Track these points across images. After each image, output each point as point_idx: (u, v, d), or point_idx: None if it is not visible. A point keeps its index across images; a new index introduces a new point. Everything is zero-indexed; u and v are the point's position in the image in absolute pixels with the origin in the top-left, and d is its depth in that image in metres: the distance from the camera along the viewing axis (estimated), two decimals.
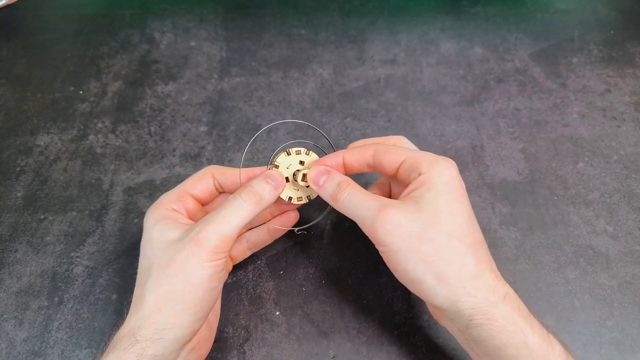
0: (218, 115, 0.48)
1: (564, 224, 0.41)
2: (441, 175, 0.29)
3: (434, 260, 0.27)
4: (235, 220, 0.29)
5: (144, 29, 0.56)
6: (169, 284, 0.28)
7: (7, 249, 0.39)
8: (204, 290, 0.28)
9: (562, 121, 0.47)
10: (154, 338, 0.26)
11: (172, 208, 0.32)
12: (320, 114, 0.48)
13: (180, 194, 0.33)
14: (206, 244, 0.28)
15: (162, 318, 0.27)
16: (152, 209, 0.32)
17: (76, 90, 0.50)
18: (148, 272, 0.29)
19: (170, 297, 0.27)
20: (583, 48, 0.53)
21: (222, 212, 0.29)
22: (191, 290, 0.27)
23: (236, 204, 0.30)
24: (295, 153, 0.35)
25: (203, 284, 0.28)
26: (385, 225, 0.28)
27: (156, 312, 0.27)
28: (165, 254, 0.29)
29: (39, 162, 0.45)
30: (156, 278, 0.28)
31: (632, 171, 0.44)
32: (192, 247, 0.28)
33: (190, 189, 0.33)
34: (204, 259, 0.28)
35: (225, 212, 0.29)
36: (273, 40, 0.55)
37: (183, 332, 0.27)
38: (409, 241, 0.27)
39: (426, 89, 0.50)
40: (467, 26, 0.56)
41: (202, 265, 0.28)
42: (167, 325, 0.27)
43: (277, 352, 0.35)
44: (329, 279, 0.38)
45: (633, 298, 0.37)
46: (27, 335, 0.35)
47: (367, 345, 0.35)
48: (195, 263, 0.28)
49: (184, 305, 0.27)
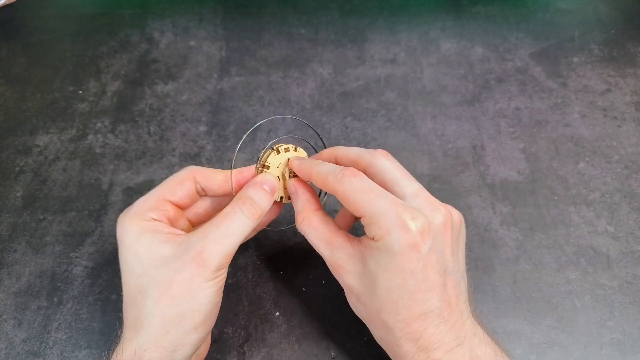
0: (218, 115, 0.48)
1: (565, 224, 0.41)
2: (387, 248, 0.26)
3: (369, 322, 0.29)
4: (238, 237, 0.28)
5: (143, 29, 0.56)
6: (175, 306, 0.27)
7: (6, 249, 0.39)
8: (212, 307, 0.28)
9: (563, 121, 0.47)
10: (166, 358, 0.26)
11: (151, 218, 0.29)
12: (320, 114, 0.48)
13: (159, 201, 0.30)
14: (210, 264, 0.27)
15: (170, 340, 0.27)
16: (128, 219, 0.29)
17: (75, 90, 0.50)
18: (144, 293, 0.27)
19: (178, 319, 0.27)
20: (584, 48, 0.53)
21: (223, 229, 0.28)
22: (199, 310, 0.27)
23: (238, 220, 0.28)
24: (284, 150, 0.33)
25: (210, 302, 0.28)
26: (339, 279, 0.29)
27: (164, 335, 0.27)
28: (162, 274, 0.27)
29: (38, 162, 0.45)
30: (157, 300, 0.27)
31: (633, 171, 0.44)
32: (196, 268, 0.27)
33: (169, 196, 0.31)
34: (208, 278, 0.27)
35: (227, 230, 0.28)
36: (273, 40, 0.55)
37: (193, 349, 0.28)
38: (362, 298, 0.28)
39: (426, 88, 0.50)
40: (468, 26, 0.56)
41: (207, 284, 0.27)
42: (177, 347, 0.27)
43: (276, 352, 0.35)
44: (329, 279, 0.38)
45: (634, 298, 0.37)
46: (27, 336, 0.35)
47: (367, 345, 0.35)
48: (200, 283, 0.27)
49: (193, 324, 0.27)
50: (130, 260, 0.28)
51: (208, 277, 0.27)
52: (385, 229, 0.26)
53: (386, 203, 0.27)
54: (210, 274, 0.27)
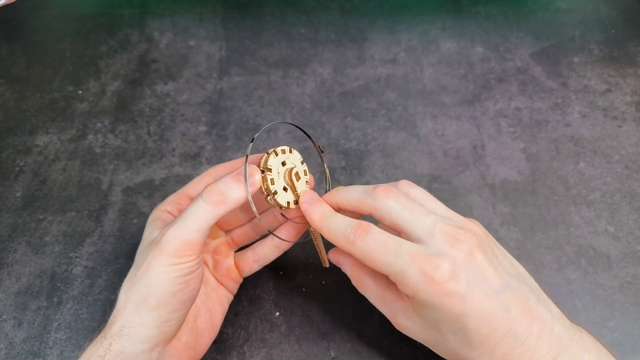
0: (217, 115, 0.48)
1: (565, 224, 0.41)
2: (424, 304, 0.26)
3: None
4: (194, 224, 0.28)
5: (143, 29, 0.56)
6: (136, 284, 0.28)
7: (6, 249, 0.39)
8: (167, 293, 0.28)
9: (563, 121, 0.47)
10: (120, 334, 0.27)
11: (166, 209, 0.32)
12: (320, 114, 0.48)
13: (179, 196, 0.33)
14: (165, 248, 0.27)
15: (127, 317, 0.27)
16: (153, 211, 0.33)
17: (75, 90, 0.50)
18: (129, 273, 0.30)
19: (135, 297, 0.28)
20: (584, 47, 0.53)
21: (183, 216, 0.28)
22: (153, 293, 0.27)
23: (195, 205, 0.28)
24: (281, 152, 0.31)
25: (165, 287, 0.28)
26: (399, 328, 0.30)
27: (123, 310, 0.28)
28: (141, 255, 0.30)
29: (37, 162, 0.45)
30: (128, 278, 0.29)
31: (633, 171, 0.44)
32: (155, 251, 0.28)
33: (190, 191, 0.33)
34: (164, 263, 0.27)
35: (185, 216, 0.28)
36: (273, 40, 0.55)
37: (148, 331, 0.27)
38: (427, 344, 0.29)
39: (427, 88, 0.50)
40: (468, 25, 0.56)
41: (163, 268, 0.27)
42: (132, 323, 0.27)
43: (276, 352, 0.35)
44: (329, 280, 0.38)
45: (634, 298, 0.36)
46: (26, 336, 0.35)
47: (368, 346, 0.35)
48: (156, 266, 0.28)
49: (147, 305, 0.27)
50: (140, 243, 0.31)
51: (164, 262, 0.27)
52: (413, 287, 0.26)
53: (404, 261, 0.26)
54: (166, 258, 0.27)
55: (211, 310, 0.33)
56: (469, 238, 0.26)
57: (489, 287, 0.26)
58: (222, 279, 0.34)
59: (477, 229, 0.28)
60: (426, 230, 0.27)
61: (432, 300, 0.25)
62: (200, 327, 0.32)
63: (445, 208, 0.30)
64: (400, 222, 0.27)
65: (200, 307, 0.32)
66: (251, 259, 0.34)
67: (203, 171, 0.43)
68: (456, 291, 0.25)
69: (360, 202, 0.29)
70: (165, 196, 0.42)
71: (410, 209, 0.28)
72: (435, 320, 0.26)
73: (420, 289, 0.25)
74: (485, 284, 0.26)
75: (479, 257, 0.26)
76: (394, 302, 0.29)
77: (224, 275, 0.34)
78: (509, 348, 0.25)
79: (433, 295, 0.25)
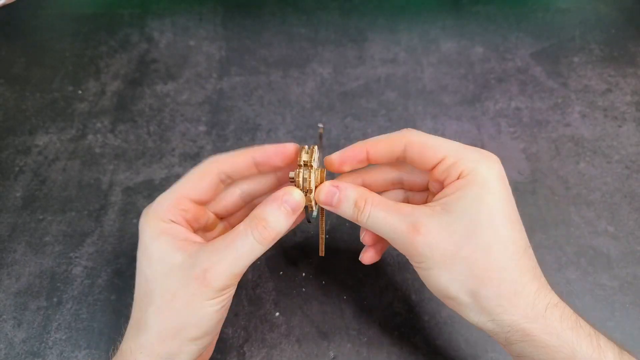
0: (217, 115, 0.48)
1: (565, 224, 0.40)
2: (482, 179, 0.26)
3: (469, 279, 0.26)
4: (245, 263, 0.27)
5: (143, 28, 0.56)
6: (175, 317, 0.26)
7: (6, 249, 0.39)
8: (212, 324, 0.27)
9: (563, 121, 0.47)
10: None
11: (169, 220, 0.28)
12: (320, 114, 0.48)
13: (179, 200, 0.29)
14: (213, 285, 0.26)
15: (166, 349, 0.26)
16: (147, 218, 0.29)
17: (75, 90, 0.50)
18: (149, 298, 0.27)
19: (176, 331, 0.27)
20: (584, 47, 0.53)
21: (231, 251, 0.26)
22: (198, 325, 0.27)
23: (247, 244, 0.26)
24: (310, 151, 0.29)
25: (211, 319, 0.27)
26: (416, 247, 0.26)
27: (160, 343, 0.26)
28: (168, 282, 0.27)
29: (37, 162, 0.45)
30: (159, 308, 0.27)
31: (633, 171, 0.44)
32: (199, 286, 0.26)
33: (191, 193, 0.29)
34: (210, 297, 0.26)
35: (235, 253, 0.26)
36: (273, 40, 0.55)
37: (189, 358, 0.27)
38: (442, 260, 0.26)
39: (427, 88, 0.50)
40: (468, 25, 0.56)
41: (209, 303, 0.27)
42: (172, 355, 0.27)
43: (276, 352, 0.35)
44: (329, 280, 0.38)
45: (634, 299, 0.36)
46: (26, 336, 0.35)
47: (368, 346, 0.35)
48: (202, 301, 0.26)
49: (190, 337, 0.27)
50: (144, 260, 0.28)
51: (210, 296, 0.26)
52: (473, 161, 0.27)
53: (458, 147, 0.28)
54: (213, 293, 0.26)
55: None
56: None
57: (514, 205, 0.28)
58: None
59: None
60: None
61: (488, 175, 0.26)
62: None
63: None
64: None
65: None
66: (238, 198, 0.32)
67: None
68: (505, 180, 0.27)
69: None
70: None
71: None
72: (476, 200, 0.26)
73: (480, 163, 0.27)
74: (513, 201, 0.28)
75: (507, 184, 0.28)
76: (415, 208, 0.27)
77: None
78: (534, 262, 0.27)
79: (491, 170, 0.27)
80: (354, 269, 0.38)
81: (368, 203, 0.28)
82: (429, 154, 0.28)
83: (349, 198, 0.28)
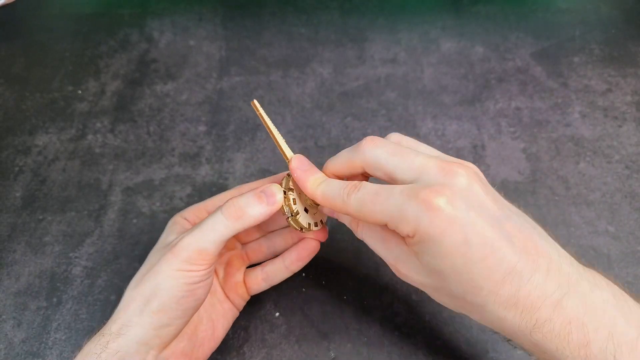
0: (217, 115, 0.48)
1: (566, 224, 0.40)
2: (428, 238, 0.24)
3: (462, 304, 0.26)
4: (210, 234, 0.28)
5: (142, 28, 0.56)
6: (141, 285, 0.28)
7: (6, 250, 0.39)
8: (171, 297, 0.28)
9: (564, 121, 0.47)
10: (118, 333, 0.27)
11: (184, 217, 0.33)
12: (320, 114, 0.48)
13: (199, 208, 0.33)
14: (179, 253, 0.28)
15: (127, 315, 0.27)
16: (173, 216, 0.33)
17: (75, 90, 0.50)
18: (138, 273, 0.30)
19: (139, 297, 0.28)
20: (584, 47, 0.53)
21: (201, 225, 0.29)
22: (157, 295, 0.27)
23: (214, 217, 0.28)
24: None
25: (171, 292, 0.28)
26: (399, 274, 0.28)
27: (124, 309, 0.28)
28: (153, 256, 0.30)
29: (37, 162, 0.45)
30: (136, 277, 0.29)
31: (633, 171, 0.44)
32: (168, 255, 0.28)
33: (209, 207, 0.33)
34: (175, 267, 0.28)
35: (203, 226, 0.29)
36: (273, 39, 0.54)
37: (145, 333, 0.27)
38: (429, 289, 0.27)
39: (427, 88, 0.50)
40: (468, 25, 0.56)
41: (172, 273, 0.28)
42: (130, 322, 0.27)
43: (276, 353, 0.35)
44: (329, 280, 0.38)
45: (634, 299, 0.36)
46: (26, 336, 0.35)
47: (368, 346, 0.35)
48: (166, 269, 0.28)
49: (150, 307, 0.27)
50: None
51: (175, 266, 0.27)
52: (412, 222, 0.24)
53: (397, 199, 0.24)
54: (178, 263, 0.27)
55: (214, 322, 0.32)
56: (465, 171, 0.25)
57: (489, 215, 0.24)
58: (229, 292, 0.34)
59: (472, 166, 0.27)
60: (417, 170, 0.25)
61: (432, 232, 0.23)
62: (200, 336, 0.31)
63: (438, 152, 0.28)
64: (391, 167, 0.26)
65: (203, 316, 0.32)
66: (260, 277, 0.34)
67: (203, 171, 0.44)
68: (455, 216, 0.23)
69: (349, 160, 0.28)
70: (165, 196, 0.42)
71: (400, 154, 0.26)
72: (437, 259, 0.24)
73: (419, 221, 0.23)
74: (485, 211, 0.24)
75: (477, 187, 0.25)
76: (397, 245, 0.27)
77: (232, 289, 0.34)
78: (515, 288, 0.23)
79: (433, 225, 0.23)
80: (354, 269, 0.38)
81: (361, 225, 0.29)
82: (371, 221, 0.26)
83: (344, 220, 0.30)
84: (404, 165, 0.26)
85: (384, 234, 0.28)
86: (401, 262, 0.27)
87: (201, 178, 0.43)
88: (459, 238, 0.23)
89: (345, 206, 0.27)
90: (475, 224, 0.23)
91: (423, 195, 0.24)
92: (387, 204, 0.25)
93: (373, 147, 0.27)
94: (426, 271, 0.26)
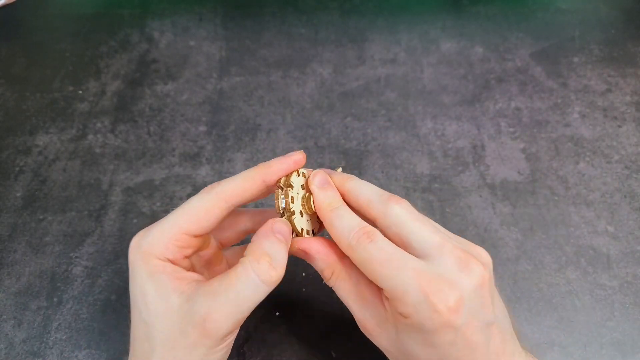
0: (217, 115, 0.48)
1: (565, 224, 0.41)
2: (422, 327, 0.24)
3: None
4: (249, 306, 0.25)
5: (143, 28, 0.56)
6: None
7: (6, 249, 0.39)
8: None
9: (563, 121, 0.47)
10: None
11: (166, 259, 0.26)
12: (320, 114, 0.48)
13: (178, 237, 0.26)
14: (214, 335, 0.24)
15: None
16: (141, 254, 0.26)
17: (75, 90, 0.50)
18: (150, 344, 0.25)
19: None
20: (584, 47, 0.53)
21: (231, 296, 0.24)
22: None
23: (250, 285, 0.24)
24: (302, 175, 0.28)
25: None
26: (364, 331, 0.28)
27: None
28: (167, 329, 0.25)
29: (38, 162, 0.45)
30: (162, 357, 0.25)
31: (633, 171, 0.44)
32: (199, 337, 0.24)
33: (193, 229, 0.26)
34: (212, 346, 0.25)
35: (236, 298, 0.24)
36: (273, 40, 0.55)
37: None
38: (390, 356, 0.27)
39: (427, 88, 0.50)
40: (468, 25, 0.56)
41: (211, 351, 0.25)
42: None
43: (277, 353, 0.35)
44: None
45: (634, 299, 0.36)
46: (26, 336, 0.35)
47: (368, 346, 0.35)
48: (204, 351, 0.24)
49: None
50: (139, 299, 0.26)
51: (212, 346, 0.24)
52: (412, 307, 0.23)
53: (408, 276, 0.23)
54: (214, 342, 0.24)
55: None
56: (480, 268, 0.24)
57: (482, 319, 0.24)
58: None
59: (486, 258, 0.26)
60: (435, 247, 0.24)
61: (427, 326, 0.23)
62: None
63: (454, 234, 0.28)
64: (408, 232, 0.25)
65: None
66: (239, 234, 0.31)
67: (203, 171, 0.44)
68: (454, 322, 0.23)
69: (370, 203, 0.26)
70: (165, 196, 0.42)
71: (422, 221, 0.25)
72: (416, 345, 0.24)
73: (418, 311, 0.23)
74: (482, 315, 0.24)
75: (486, 290, 0.24)
76: (375, 306, 0.26)
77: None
78: None
79: (431, 321, 0.23)
80: None
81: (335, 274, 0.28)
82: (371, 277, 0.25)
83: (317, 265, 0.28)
84: (423, 236, 0.25)
85: (365, 293, 0.27)
86: (372, 324, 0.26)
87: (201, 178, 0.44)
88: (448, 339, 0.23)
89: (349, 249, 0.25)
90: (467, 328, 0.24)
91: (431, 288, 0.23)
92: (395, 276, 0.24)
93: (398, 205, 0.26)
94: (398, 345, 0.25)
